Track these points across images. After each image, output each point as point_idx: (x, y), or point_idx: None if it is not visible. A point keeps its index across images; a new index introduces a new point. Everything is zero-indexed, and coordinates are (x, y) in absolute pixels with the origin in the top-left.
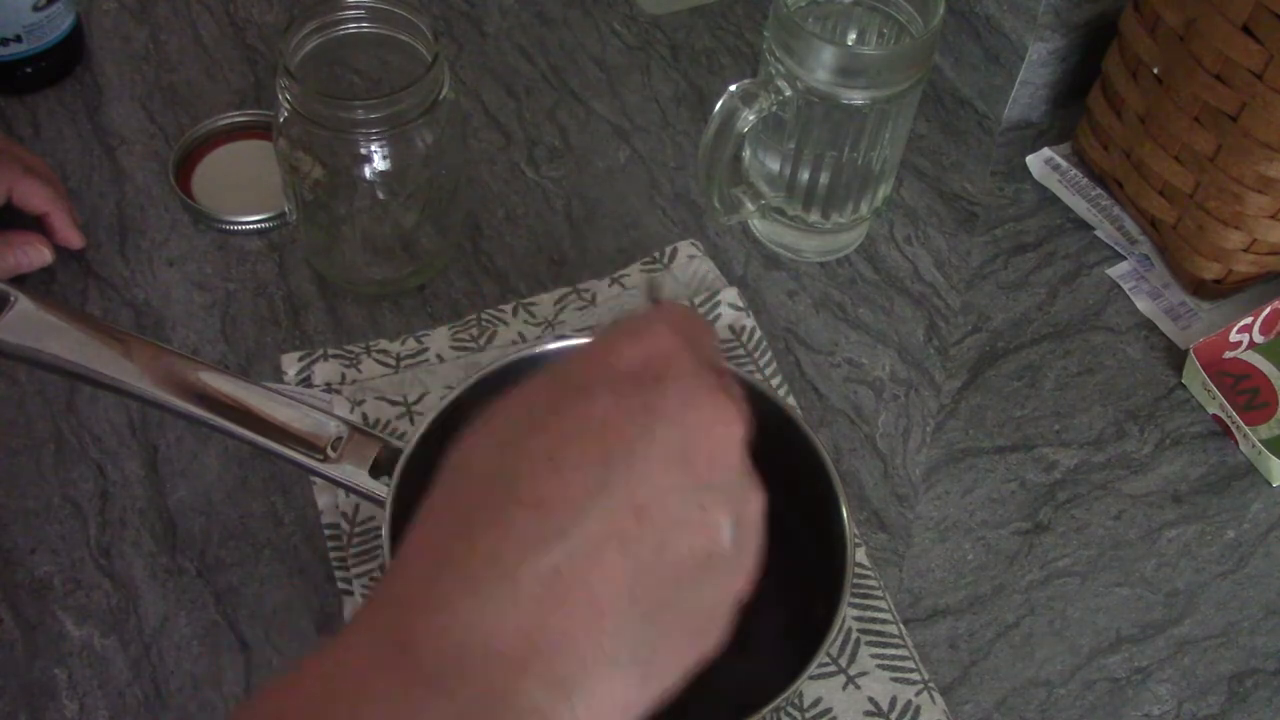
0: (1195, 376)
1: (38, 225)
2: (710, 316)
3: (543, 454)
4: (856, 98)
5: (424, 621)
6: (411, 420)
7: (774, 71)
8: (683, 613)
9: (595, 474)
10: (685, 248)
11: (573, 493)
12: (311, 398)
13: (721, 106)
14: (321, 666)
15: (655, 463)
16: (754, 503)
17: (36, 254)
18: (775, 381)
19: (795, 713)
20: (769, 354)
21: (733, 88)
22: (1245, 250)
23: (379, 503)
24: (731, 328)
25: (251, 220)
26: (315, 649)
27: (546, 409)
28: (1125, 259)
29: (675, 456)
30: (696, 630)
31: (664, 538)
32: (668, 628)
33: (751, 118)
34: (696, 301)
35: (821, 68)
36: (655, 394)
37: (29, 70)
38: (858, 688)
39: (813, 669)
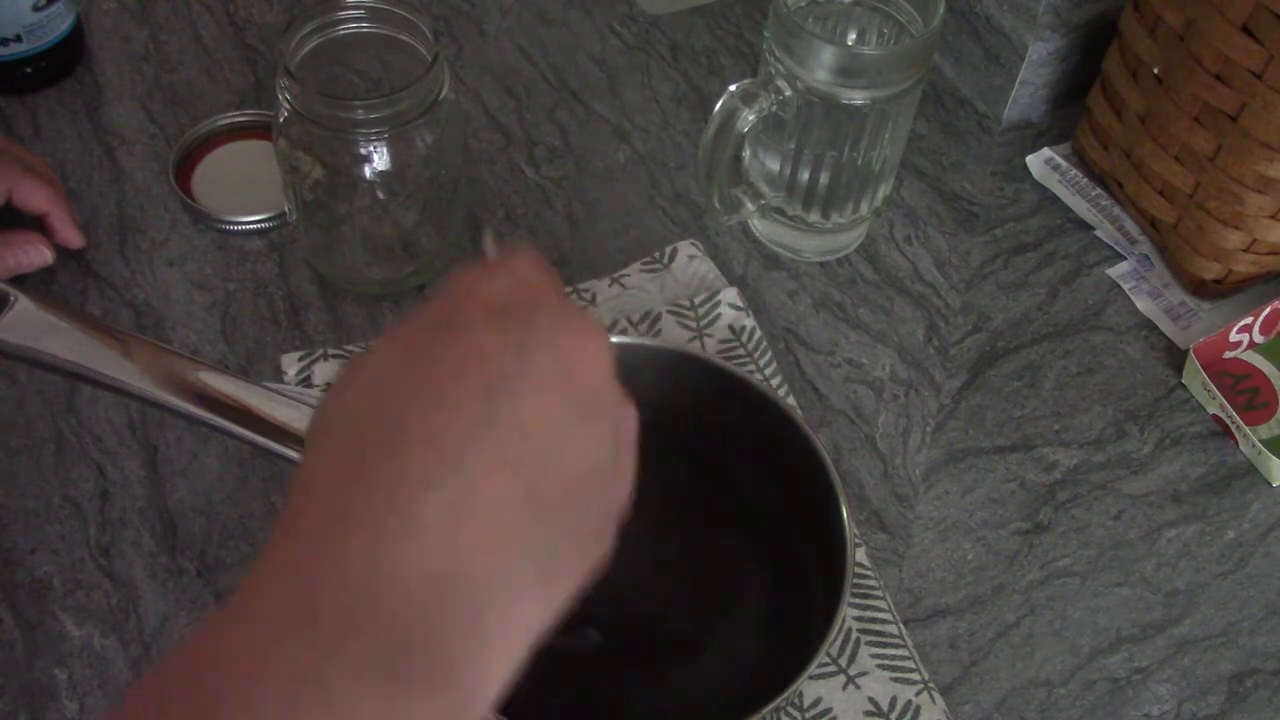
0: (1195, 376)
1: (38, 225)
2: (710, 316)
3: (426, 392)
4: (856, 98)
5: (324, 578)
6: None
7: (774, 71)
8: (575, 526)
9: (479, 405)
10: (685, 248)
11: (460, 425)
12: (311, 398)
13: (721, 106)
14: (216, 628)
15: (534, 387)
16: (629, 416)
17: (37, 254)
18: (775, 381)
19: (795, 713)
20: (769, 354)
21: (733, 88)
22: (1245, 250)
23: None
24: (731, 328)
25: (251, 220)
26: (199, 624)
27: (422, 348)
28: (1125, 259)
29: (553, 379)
30: (588, 541)
31: (551, 457)
32: (563, 543)
33: (751, 118)
34: (696, 301)
35: (821, 68)
36: (527, 322)
37: (29, 70)
38: (858, 688)
39: (813, 669)
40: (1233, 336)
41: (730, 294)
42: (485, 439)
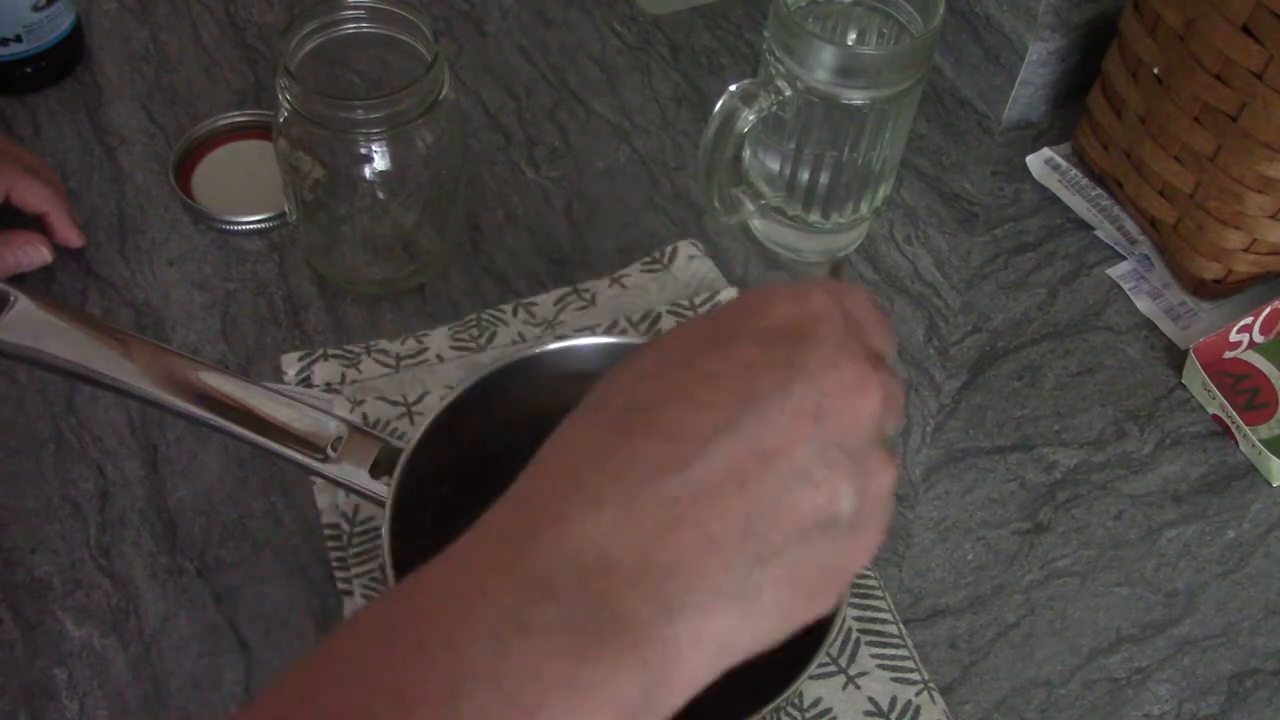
0: (1195, 376)
1: (37, 225)
2: None
3: (680, 389)
4: (856, 98)
5: (542, 531)
6: (411, 420)
7: (774, 71)
8: (795, 565)
9: (727, 414)
10: (685, 248)
11: (702, 429)
12: (311, 398)
13: (721, 106)
14: (445, 568)
15: (788, 414)
16: (883, 476)
17: (36, 253)
18: None
19: (795, 713)
20: None
21: (733, 88)
22: (1245, 250)
23: (379, 503)
24: None
25: (251, 220)
26: (441, 556)
27: (691, 350)
28: (1125, 259)
29: (809, 413)
30: (807, 587)
31: (784, 487)
32: (777, 575)
33: (751, 118)
34: (697, 302)
35: (821, 68)
36: (799, 350)
37: (29, 70)
38: (858, 688)
39: (813, 669)
40: (1233, 336)
41: (730, 294)
42: (722, 449)
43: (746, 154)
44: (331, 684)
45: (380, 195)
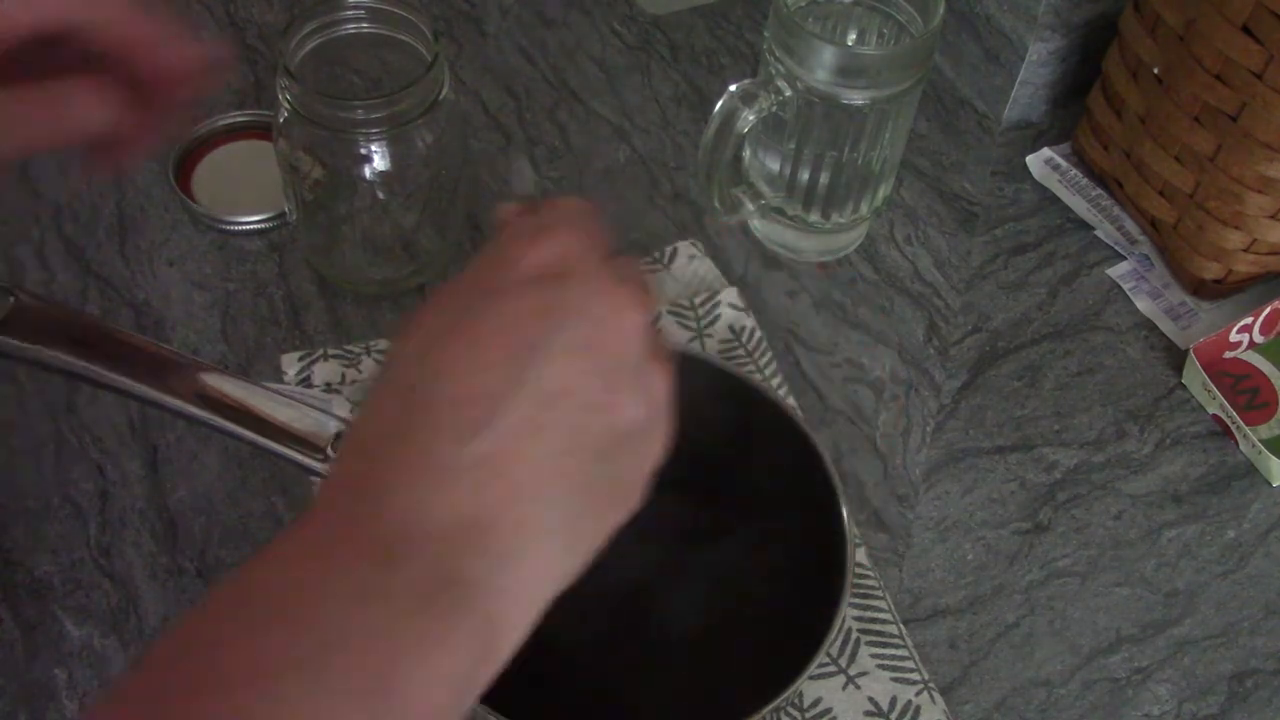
0: (1195, 376)
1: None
2: (710, 316)
3: (461, 357)
4: (856, 98)
5: (376, 505)
6: None
7: (774, 71)
8: (602, 484)
9: (510, 369)
10: (685, 248)
11: (491, 388)
12: (311, 398)
13: (721, 106)
14: (295, 543)
15: (563, 354)
16: (658, 378)
17: (96, 112)
18: (775, 381)
19: (795, 713)
20: (769, 354)
21: (733, 88)
22: (1245, 250)
23: None
24: (731, 328)
25: (251, 220)
26: (266, 544)
27: (460, 313)
28: (1125, 259)
29: (581, 346)
30: (616, 498)
31: (576, 420)
32: (589, 499)
33: (751, 118)
34: (697, 302)
35: (821, 68)
36: (559, 291)
37: None
38: (858, 688)
39: (813, 669)
40: (1233, 336)
41: (730, 294)
42: (515, 402)
43: (746, 154)
44: (195, 655)
45: (380, 195)
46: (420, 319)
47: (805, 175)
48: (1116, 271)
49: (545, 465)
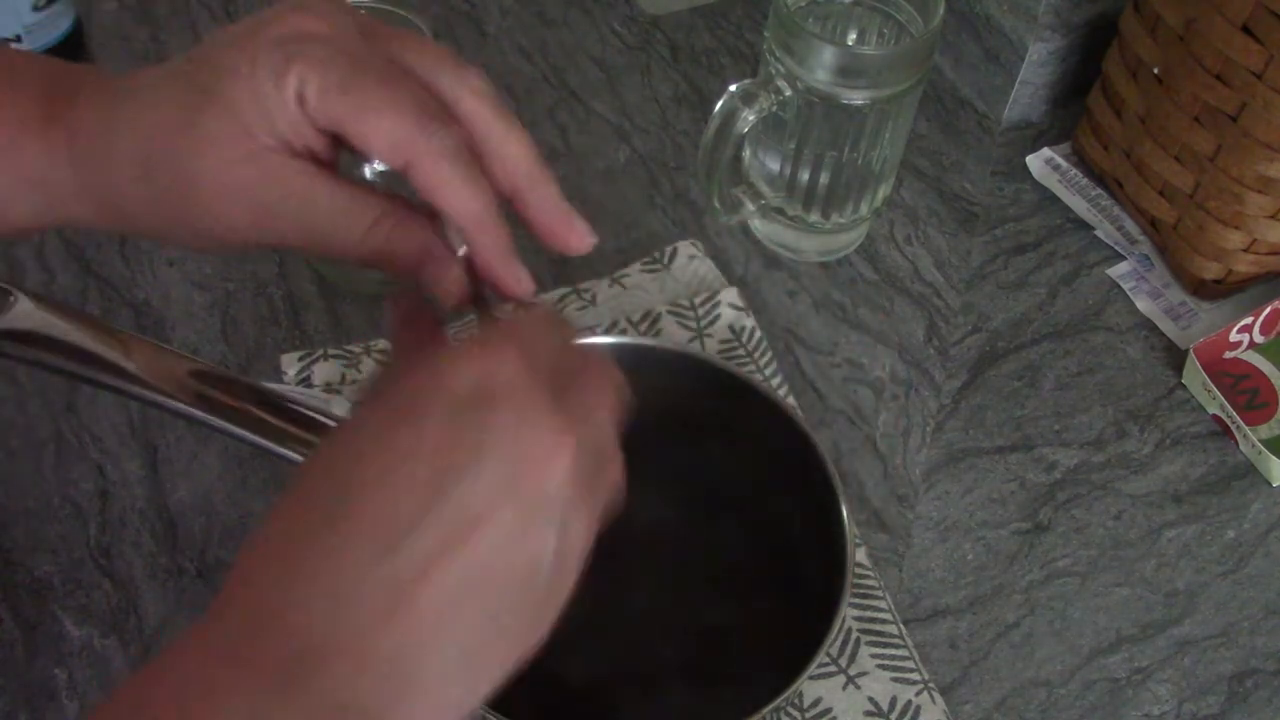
0: (1195, 376)
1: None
2: (710, 316)
3: (374, 477)
4: (856, 98)
5: (269, 626)
6: None
7: (774, 71)
8: (508, 620)
9: (424, 497)
10: (685, 248)
11: (403, 513)
12: (312, 398)
13: (721, 106)
14: (186, 659)
15: (482, 489)
16: (577, 523)
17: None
18: (775, 381)
19: (795, 713)
20: (769, 354)
21: (733, 88)
22: (1245, 250)
23: None
24: (731, 328)
25: None
26: (143, 668)
27: (386, 427)
28: (1125, 259)
29: (502, 483)
30: (519, 635)
31: (490, 554)
32: (493, 633)
33: (751, 118)
34: (697, 302)
35: (821, 68)
36: (485, 422)
37: None
38: (858, 688)
39: (813, 669)
40: (1233, 336)
41: (730, 294)
42: (427, 531)
43: (746, 154)
44: None
45: None
46: (339, 433)
47: (805, 175)
48: (1116, 271)
49: (451, 598)
